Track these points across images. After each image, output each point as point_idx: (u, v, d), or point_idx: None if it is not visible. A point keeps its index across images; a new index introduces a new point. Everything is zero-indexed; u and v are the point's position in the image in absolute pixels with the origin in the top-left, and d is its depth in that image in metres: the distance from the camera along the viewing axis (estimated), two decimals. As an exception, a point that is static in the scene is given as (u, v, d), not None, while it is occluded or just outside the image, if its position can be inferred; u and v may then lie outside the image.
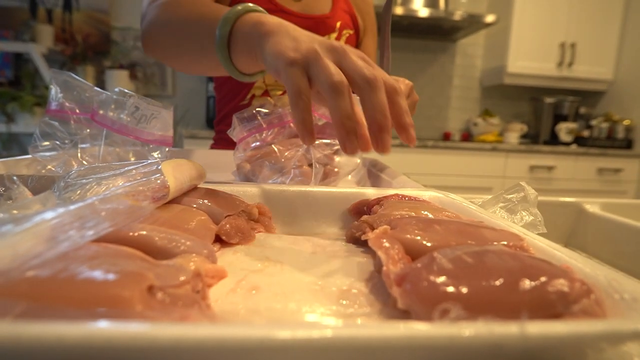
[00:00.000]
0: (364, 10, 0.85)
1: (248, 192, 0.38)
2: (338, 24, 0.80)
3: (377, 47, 0.88)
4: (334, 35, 0.79)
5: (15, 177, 0.27)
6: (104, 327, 0.11)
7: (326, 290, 0.22)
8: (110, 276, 0.14)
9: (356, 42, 0.84)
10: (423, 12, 2.06)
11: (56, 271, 0.14)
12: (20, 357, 0.12)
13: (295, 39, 0.34)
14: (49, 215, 0.18)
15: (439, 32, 2.33)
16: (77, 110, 0.46)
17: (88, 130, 0.46)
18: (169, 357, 0.12)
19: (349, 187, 0.40)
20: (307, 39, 0.34)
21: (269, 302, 0.20)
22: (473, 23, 2.14)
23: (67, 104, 0.46)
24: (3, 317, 0.12)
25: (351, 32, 0.82)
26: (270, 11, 0.76)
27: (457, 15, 2.07)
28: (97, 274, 0.14)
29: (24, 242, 0.15)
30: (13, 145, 2.10)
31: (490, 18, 2.09)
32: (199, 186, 0.35)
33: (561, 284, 0.18)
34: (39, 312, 0.13)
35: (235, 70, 0.43)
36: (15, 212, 0.23)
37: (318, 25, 0.77)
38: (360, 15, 0.85)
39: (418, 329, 0.13)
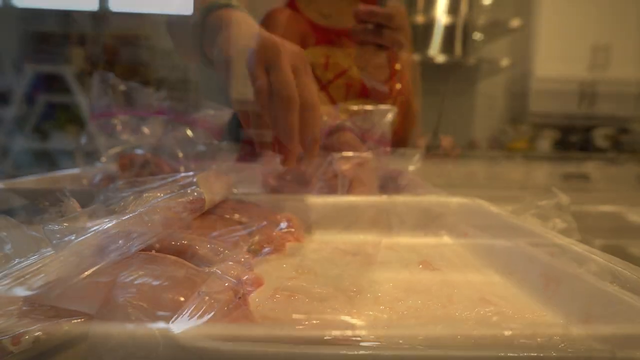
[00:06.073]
0: None
1: (276, 202, 0.39)
2: None
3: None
4: None
5: (67, 191, 0.29)
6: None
7: (362, 296, 0.22)
8: (165, 283, 0.15)
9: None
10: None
11: (114, 277, 0.16)
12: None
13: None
14: (103, 226, 0.20)
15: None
16: (123, 111, 0.48)
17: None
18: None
19: (375, 196, 0.40)
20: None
21: (308, 308, 0.21)
22: (497, 24, 2.11)
23: (113, 106, 0.47)
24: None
25: None
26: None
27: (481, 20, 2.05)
28: (152, 280, 0.15)
29: (84, 249, 0.17)
30: (45, 161, 2.22)
31: (516, 22, 2.06)
32: (228, 198, 0.37)
33: None
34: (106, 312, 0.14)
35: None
36: (66, 224, 0.25)
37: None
38: None
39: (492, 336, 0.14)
